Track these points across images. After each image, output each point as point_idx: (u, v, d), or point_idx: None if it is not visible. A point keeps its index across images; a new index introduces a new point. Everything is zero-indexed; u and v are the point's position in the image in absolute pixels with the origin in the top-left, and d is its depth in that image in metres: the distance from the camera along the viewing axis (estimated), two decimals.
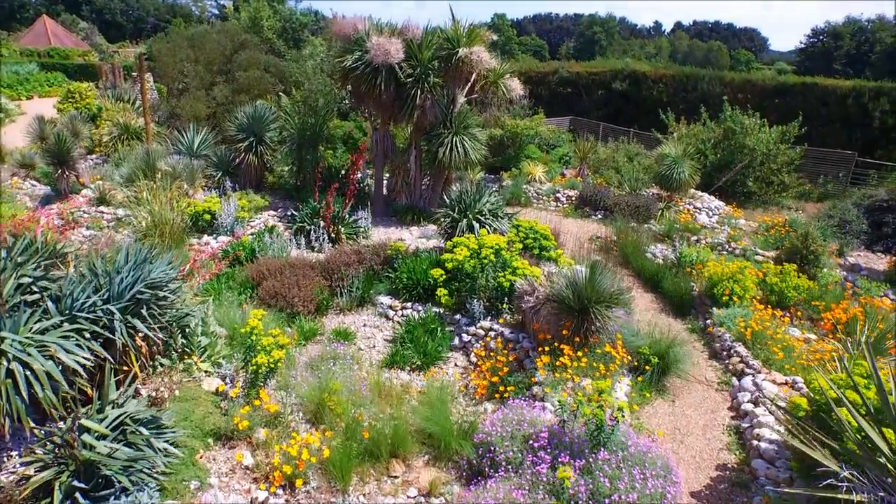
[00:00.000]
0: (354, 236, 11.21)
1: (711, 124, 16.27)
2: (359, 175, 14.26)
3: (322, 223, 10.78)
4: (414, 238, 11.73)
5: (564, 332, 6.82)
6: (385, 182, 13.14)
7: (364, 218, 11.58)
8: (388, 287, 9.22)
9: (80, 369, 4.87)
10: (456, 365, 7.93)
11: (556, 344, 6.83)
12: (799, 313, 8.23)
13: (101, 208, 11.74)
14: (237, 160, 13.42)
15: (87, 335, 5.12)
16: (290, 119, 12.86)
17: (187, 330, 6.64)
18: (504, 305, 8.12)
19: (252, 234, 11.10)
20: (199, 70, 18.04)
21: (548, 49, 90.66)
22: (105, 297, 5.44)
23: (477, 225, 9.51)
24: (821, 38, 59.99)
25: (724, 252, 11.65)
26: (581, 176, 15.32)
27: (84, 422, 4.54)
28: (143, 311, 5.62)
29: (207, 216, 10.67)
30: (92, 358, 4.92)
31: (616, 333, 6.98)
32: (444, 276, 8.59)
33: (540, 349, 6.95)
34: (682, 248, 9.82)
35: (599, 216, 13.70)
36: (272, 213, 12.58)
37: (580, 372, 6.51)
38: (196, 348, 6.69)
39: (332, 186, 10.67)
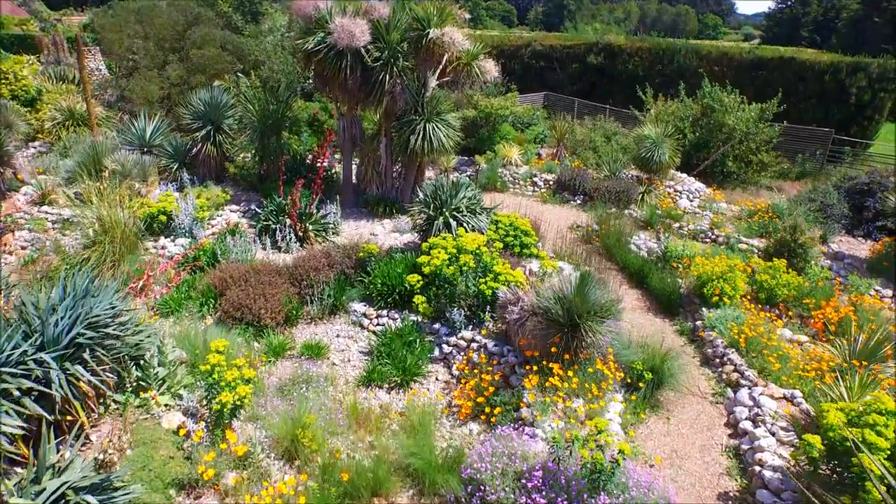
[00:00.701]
0: (323, 233, 10.54)
1: (690, 101, 15.83)
2: (326, 163, 13.48)
3: (288, 221, 10.05)
4: (387, 232, 11.11)
5: (553, 349, 6.38)
6: (354, 170, 12.39)
7: (333, 213, 10.88)
8: (362, 293, 8.64)
9: (6, 437, 4.22)
10: (437, 379, 7.48)
11: (544, 362, 6.40)
12: (790, 312, 7.98)
13: (45, 208, 10.75)
14: (194, 150, 12.45)
15: (17, 392, 4.45)
16: (250, 105, 11.92)
17: (142, 362, 5.99)
18: (486, 315, 7.63)
19: (213, 235, 10.34)
20: (149, 48, 16.69)
21: (516, 14, 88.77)
22: (38, 343, 4.74)
23: (454, 223, 8.94)
24: (789, 3, 59.89)
25: (708, 240, 11.37)
26: (558, 158, 14.79)
27: (13, 501, 3.93)
28: (87, 355, 4.94)
29: (163, 217, 9.84)
30: (23, 423, 4.27)
31: (607, 346, 6.57)
32: (422, 283, 8.04)
33: (527, 367, 6.52)
34: (667, 243, 9.44)
35: (578, 202, 13.25)
36: (235, 207, 11.76)
37: (571, 392, 6.11)
38: (153, 381, 6.06)
39: (298, 183, 9.95)
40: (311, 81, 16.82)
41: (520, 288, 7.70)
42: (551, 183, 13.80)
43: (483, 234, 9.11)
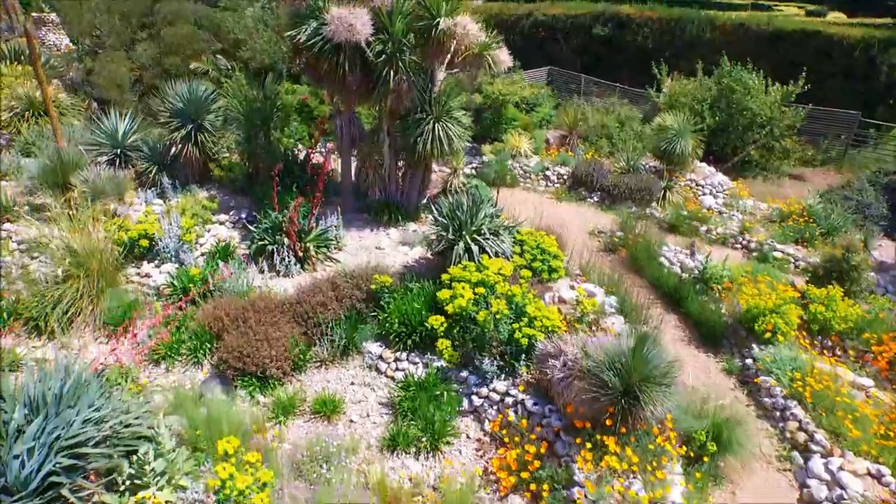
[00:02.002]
0: (325, 249, 9.53)
1: (708, 80, 14.73)
2: (325, 167, 12.29)
3: (286, 241, 9.01)
4: (394, 244, 10.13)
5: (608, 421, 5.62)
6: (353, 171, 11.25)
7: (335, 226, 9.84)
8: (376, 331, 7.76)
9: None
10: (468, 437, 6.75)
11: (597, 436, 5.65)
12: (850, 350, 7.30)
13: (7, 226, 9.53)
14: (174, 151, 11.16)
15: None
16: (234, 101, 10.63)
17: (135, 456, 5.10)
18: (521, 366, 6.84)
19: (203, 255, 9.27)
20: (114, 23, 15.00)
21: None
22: None
23: (476, 248, 8.00)
24: None
25: (739, 246, 10.62)
26: (570, 148, 13.74)
27: None
28: (66, 490, 4.04)
29: (145, 242, 8.72)
30: None
31: (665, 414, 5.83)
32: (445, 325, 7.17)
33: (577, 438, 5.77)
34: (706, 264, 8.63)
35: (596, 199, 12.33)
36: (223, 217, 10.63)
37: (629, 471, 5.40)
38: (150, 476, 5.18)
39: (297, 202, 8.85)
40: (299, 64, 15.36)
41: (557, 332, 6.90)
42: (565, 177, 12.82)
43: (508, 258, 8.21)
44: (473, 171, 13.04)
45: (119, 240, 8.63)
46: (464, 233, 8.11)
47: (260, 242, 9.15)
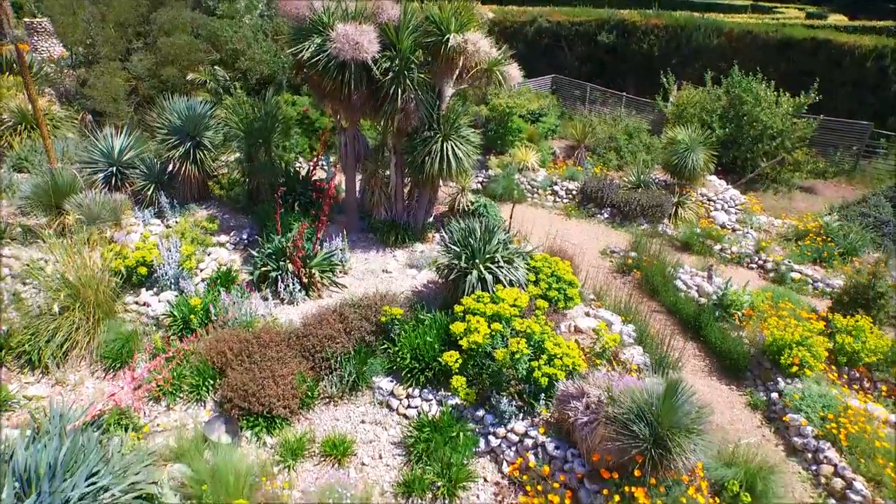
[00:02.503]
0: (330, 273, 9.19)
1: (717, 90, 14.45)
2: (320, 173, 11.99)
3: (291, 267, 8.67)
4: (401, 267, 9.81)
5: (636, 471, 5.32)
6: (358, 188, 10.92)
7: (340, 248, 9.51)
8: (387, 366, 7.44)
9: None
10: (486, 480, 6.43)
11: (625, 487, 5.35)
12: (882, 385, 7.02)
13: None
14: (172, 169, 10.80)
15: None
16: (234, 118, 10.29)
17: None
18: (540, 405, 6.53)
19: (204, 281, 8.92)
20: (108, 33, 14.58)
21: None
22: None
23: (490, 277, 7.68)
24: None
25: (755, 266, 10.34)
26: (579, 162, 13.43)
27: None
28: None
29: (143, 269, 8.37)
30: None
31: (696, 462, 5.54)
32: (460, 361, 6.86)
33: (605, 491, 5.47)
34: (725, 290, 8.35)
35: (606, 215, 12.03)
36: (224, 238, 10.28)
37: None
38: None
39: (301, 227, 8.52)
40: (300, 77, 14.98)
41: (578, 369, 6.60)
42: (574, 193, 12.51)
43: (522, 286, 7.90)
44: (479, 186, 12.73)
45: (116, 268, 8.27)
46: (477, 261, 7.79)
47: (263, 269, 8.81)
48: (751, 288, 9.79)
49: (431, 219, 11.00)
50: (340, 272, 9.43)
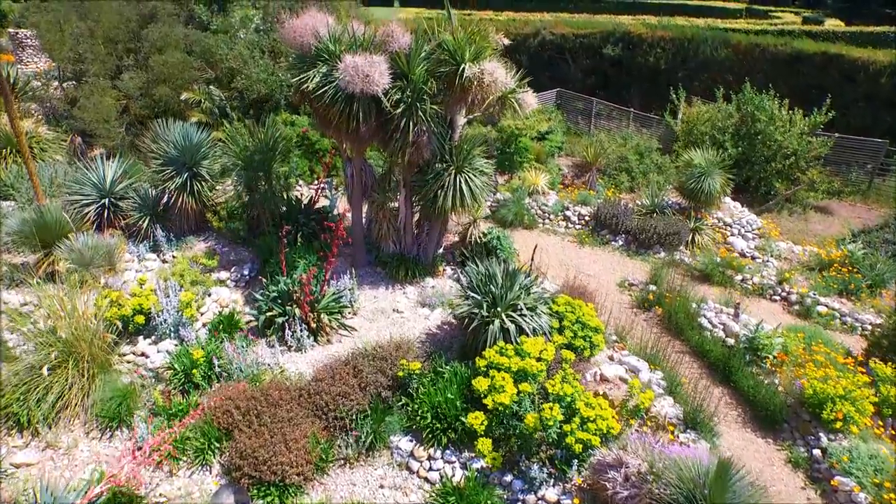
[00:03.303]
0: (338, 315, 8.69)
1: (728, 107, 14.07)
2: (325, 201, 11.48)
3: (298, 311, 8.17)
4: (412, 306, 9.34)
5: None
6: (364, 219, 10.41)
7: (349, 288, 9.02)
8: (405, 424, 6.99)
9: None
10: None
11: None
12: None
13: None
14: (167, 199, 10.25)
15: None
16: (233, 148, 9.77)
17: None
18: (573, 471, 6.09)
19: (206, 326, 8.40)
20: (97, 50, 13.95)
21: None
22: None
23: (513, 326, 7.23)
24: None
25: (778, 298, 9.99)
26: (590, 185, 13.00)
27: None
28: None
29: (141, 318, 7.83)
30: None
31: None
32: (485, 423, 6.41)
33: None
34: (756, 332, 7.97)
35: (620, 242, 11.61)
36: (224, 275, 9.76)
37: None
38: None
39: (310, 272, 8.03)
40: (302, 103, 14.41)
41: (612, 432, 6.17)
42: (587, 218, 12.08)
43: (546, 335, 7.47)
44: (489, 211, 12.27)
45: (111, 317, 7.73)
46: (498, 309, 7.33)
47: (268, 314, 8.29)
48: (777, 321, 9.45)
49: (441, 250, 10.54)
50: (349, 313, 8.94)
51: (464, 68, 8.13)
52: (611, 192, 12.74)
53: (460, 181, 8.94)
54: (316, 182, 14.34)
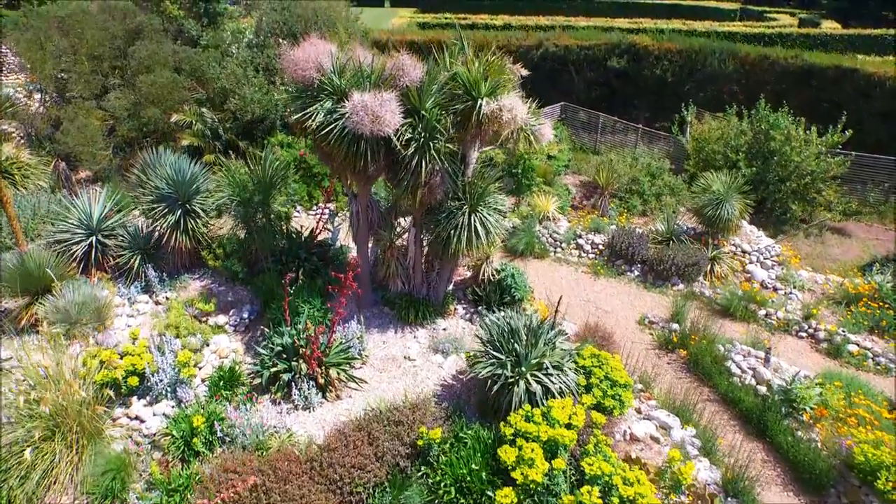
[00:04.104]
0: (347, 366, 8.12)
1: (740, 123, 13.61)
2: (323, 232, 10.84)
3: (305, 367, 7.59)
4: (424, 351, 8.81)
5: None
6: (370, 256, 9.83)
7: (357, 336, 8.45)
8: (426, 496, 6.49)
9: None
10: None
11: None
12: None
13: None
14: (158, 235, 9.60)
15: None
16: (230, 189, 9.15)
17: None
18: None
19: (205, 382, 7.80)
20: (82, 69, 13.19)
21: None
22: None
23: (539, 388, 6.71)
24: None
25: (804, 334, 9.57)
26: (603, 211, 12.49)
27: None
28: None
29: (134, 380, 7.22)
30: None
31: None
32: (516, 501, 5.89)
33: None
34: (791, 383, 7.53)
35: (637, 272, 11.13)
36: (223, 319, 9.17)
37: None
38: None
39: (319, 329, 7.45)
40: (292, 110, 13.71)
41: None
42: (601, 247, 11.58)
43: (574, 396, 6.96)
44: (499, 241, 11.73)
45: (102, 379, 7.11)
46: (523, 369, 6.80)
47: (273, 369, 7.70)
48: (805, 361, 9.03)
49: (451, 286, 9.98)
50: (358, 363, 8.37)
51: (481, 104, 7.56)
52: (623, 219, 12.25)
53: (475, 221, 8.38)
54: (315, 208, 13.75)
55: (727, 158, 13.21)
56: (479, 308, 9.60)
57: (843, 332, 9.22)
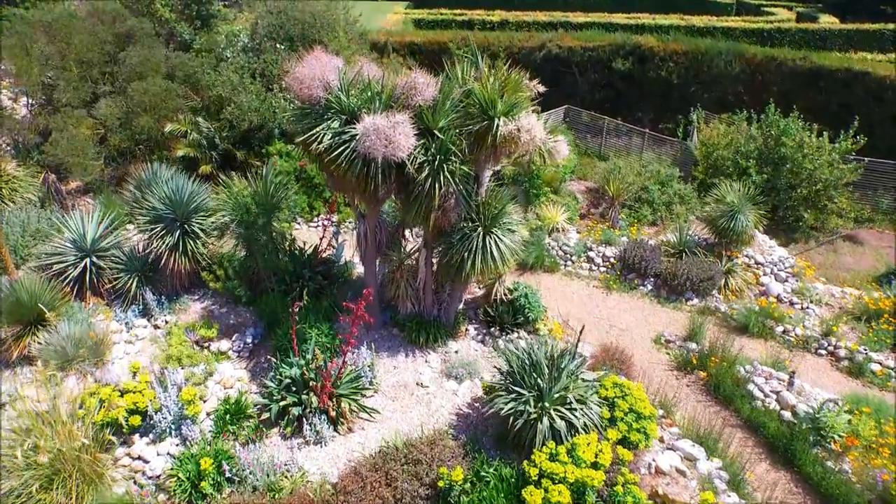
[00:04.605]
0: (359, 396, 7.80)
1: (751, 129, 13.34)
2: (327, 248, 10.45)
3: (315, 400, 7.26)
4: (437, 377, 8.52)
5: None
6: (377, 275, 9.48)
7: (368, 364, 8.13)
8: None
9: None
10: None
11: None
12: None
13: None
14: (155, 256, 9.19)
15: None
16: (234, 212, 8.77)
17: None
18: None
19: (211, 417, 7.46)
20: (70, 76, 12.67)
21: None
22: None
23: (563, 424, 6.43)
24: None
25: (824, 352, 9.35)
26: (614, 223, 12.20)
27: None
28: None
29: (136, 419, 6.87)
30: None
31: None
32: None
33: None
34: (819, 411, 7.32)
35: (650, 286, 10.88)
36: (225, 345, 8.85)
37: None
38: None
39: (331, 364, 7.12)
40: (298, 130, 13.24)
41: None
42: (612, 260, 11.29)
43: (599, 430, 6.69)
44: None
45: (102, 419, 6.74)
46: (546, 405, 6.51)
47: (282, 403, 7.36)
48: (829, 381, 8.83)
49: (462, 305, 9.67)
50: (370, 393, 8.05)
51: (498, 125, 7.21)
52: (634, 230, 11.97)
53: (490, 244, 8.05)
54: (316, 219, 13.35)
55: (737, 165, 12.96)
56: (492, 329, 9.30)
57: (865, 350, 9.02)
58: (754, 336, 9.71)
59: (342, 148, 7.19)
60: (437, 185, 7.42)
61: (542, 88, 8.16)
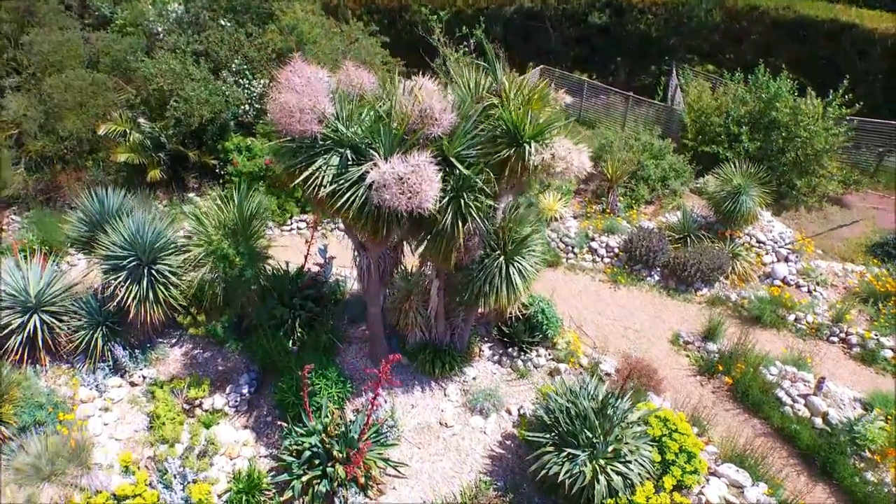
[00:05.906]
0: (383, 450, 7.19)
1: (742, 90, 12.80)
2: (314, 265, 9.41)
3: (342, 470, 6.59)
4: (460, 412, 8.04)
5: None
6: (381, 300, 8.60)
7: (389, 413, 7.47)
8: None
9: None
10: None
11: None
12: None
13: None
14: (123, 304, 7.93)
15: None
16: (201, 247, 7.57)
17: None
18: None
19: (222, 499, 6.67)
20: None
21: None
22: None
23: (619, 480, 6.08)
24: None
25: (836, 339, 9.41)
26: (612, 208, 11.60)
27: None
28: None
29: None
30: None
31: None
32: None
33: None
34: (854, 422, 7.33)
35: (657, 277, 10.57)
36: (220, 401, 8.00)
37: None
38: None
39: (365, 445, 6.41)
40: (252, 108, 11.54)
41: None
42: (616, 251, 10.81)
43: (651, 475, 6.40)
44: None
45: None
46: (602, 462, 6.11)
47: (300, 476, 6.65)
48: (845, 372, 8.91)
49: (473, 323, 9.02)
50: (393, 441, 7.43)
51: (528, 152, 6.31)
52: (634, 214, 11.49)
53: (513, 272, 7.33)
54: (290, 222, 12.07)
55: (728, 131, 12.52)
56: (509, 349, 8.76)
57: (877, 336, 9.13)
58: (766, 326, 9.67)
59: (351, 196, 6.11)
60: (459, 222, 6.54)
61: (568, 99, 7.19)
